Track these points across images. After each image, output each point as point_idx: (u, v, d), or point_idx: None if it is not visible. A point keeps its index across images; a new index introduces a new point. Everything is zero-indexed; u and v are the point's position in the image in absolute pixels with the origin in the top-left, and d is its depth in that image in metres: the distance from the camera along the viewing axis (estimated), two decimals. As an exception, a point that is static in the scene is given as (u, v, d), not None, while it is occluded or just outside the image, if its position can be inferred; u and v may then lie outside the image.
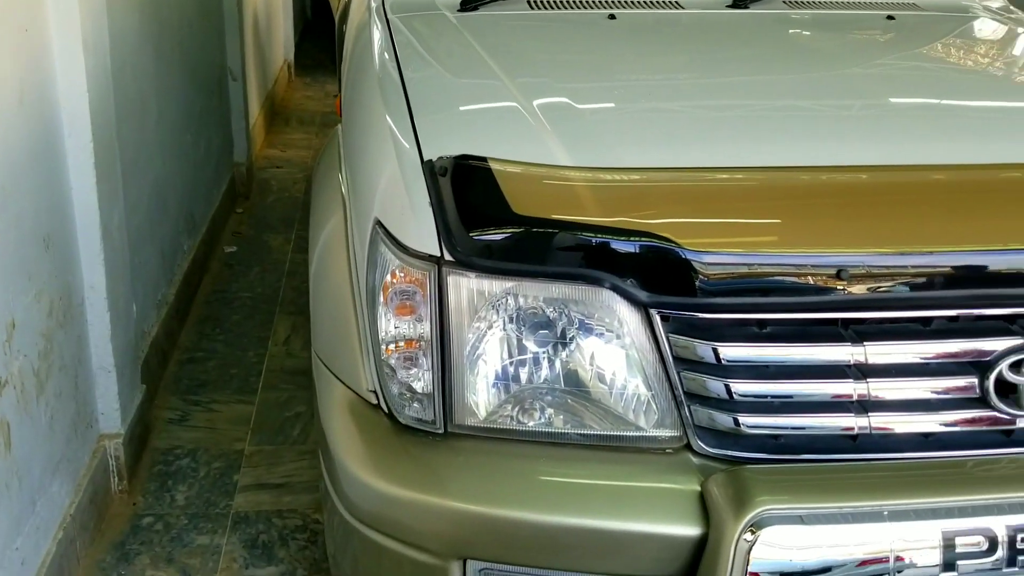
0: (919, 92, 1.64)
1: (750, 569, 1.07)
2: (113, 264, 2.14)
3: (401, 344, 1.25)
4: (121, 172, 2.25)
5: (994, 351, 1.19)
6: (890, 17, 2.07)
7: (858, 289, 1.17)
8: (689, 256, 1.15)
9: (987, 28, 2.09)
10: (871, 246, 1.17)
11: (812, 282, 1.16)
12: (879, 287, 1.17)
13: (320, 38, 7.44)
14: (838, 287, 1.16)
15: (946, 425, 1.20)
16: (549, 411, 1.24)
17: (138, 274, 2.51)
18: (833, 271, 1.16)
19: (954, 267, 1.18)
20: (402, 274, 1.23)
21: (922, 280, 1.18)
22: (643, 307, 1.17)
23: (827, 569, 1.07)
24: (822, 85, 1.65)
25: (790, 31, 2.02)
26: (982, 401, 1.20)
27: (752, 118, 1.48)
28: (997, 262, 1.19)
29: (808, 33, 2.00)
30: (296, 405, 2.68)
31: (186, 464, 2.41)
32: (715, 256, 1.15)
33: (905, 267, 1.17)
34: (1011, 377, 1.19)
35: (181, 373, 2.82)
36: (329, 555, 1.49)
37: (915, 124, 1.47)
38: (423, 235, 1.20)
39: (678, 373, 1.19)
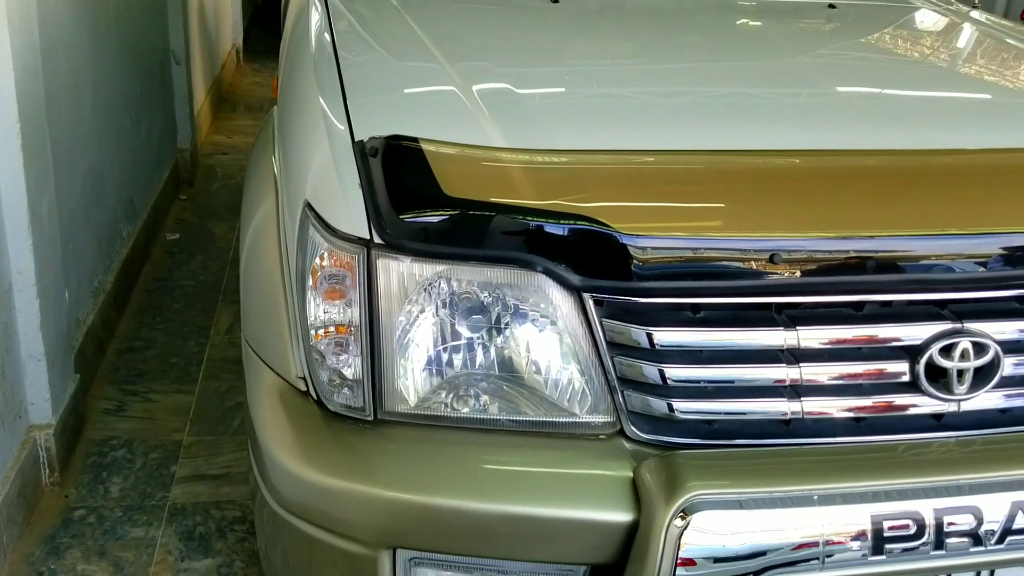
0: (855, 80, 1.64)
1: (681, 555, 1.06)
2: (43, 250, 2.07)
3: (331, 329, 1.22)
4: (53, 156, 2.18)
5: (925, 336, 1.19)
6: (831, 6, 2.08)
7: (791, 273, 1.16)
8: (622, 240, 1.14)
9: (926, 19, 2.11)
10: (804, 230, 1.17)
11: (746, 266, 1.15)
12: (812, 272, 1.17)
13: (270, 23, 7.32)
14: (771, 271, 1.16)
15: (878, 410, 1.20)
16: (483, 398, 1.22)
17: (72, 261, 2.44)
18: (766, 255, 1.15)
19: (885, 252, 1.18)
20: (331, 258, 1.20)
21: (854, 265, 1.18)
22: (576, 291, 1.16)
23: (758, 554, 1.07)
24: (761, 72, 1.65)
25: (732, 18, 2.02)
26: (913, 386, 1.21)
27: (690, 104, 1.47)
28: (928, 247, 1.19)
29: (750, 20, 2.00)
30: (237, 395, 2.63)
31: (122, 455, 2.35)
32: (649, 240, 1.14)
33: (838, 252, 1.17)
34: (941, 362, 1.19)
35: (119, 362, 2.75)
36: (259, 547, 1.46)
37: (850, 111, 1.47)
38: (352, 217, 1.17)
39: (612, 358, 1.17)
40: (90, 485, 2.23)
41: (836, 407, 1.20)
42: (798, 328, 1.18)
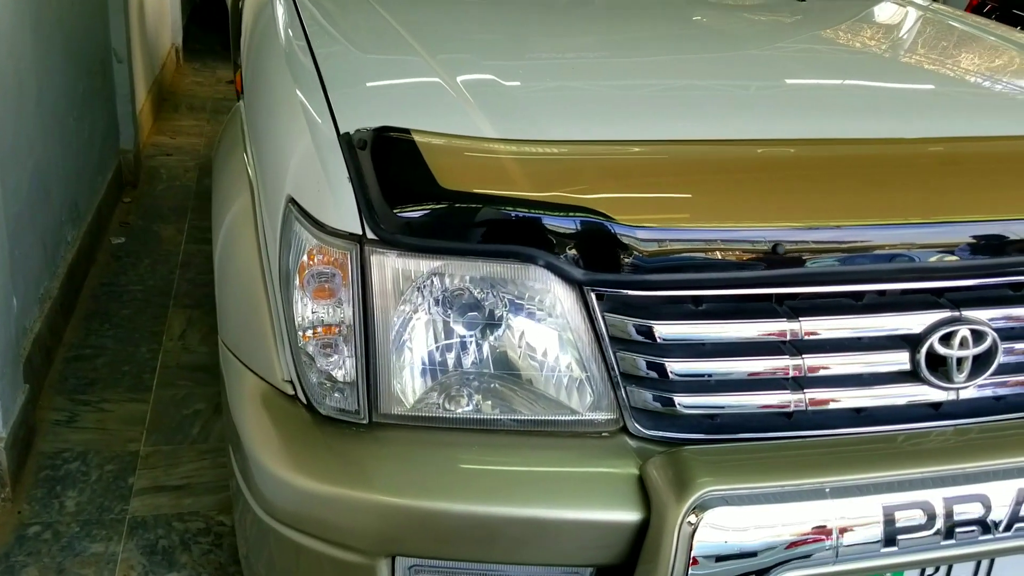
0: (848, 71, 1.64)
1: (694, 552, 1.03)
2: (-10, 254, 1.97)
3: (319, 330, 1.17)
4: (-3, 155, 2.08)
5: (924, 325, 1.19)
6: (801, -1, 2.08)
7: (793, 264, 1.15)
8: (624, 232, 1.11)
9: (900, 11, 2.13)
10: (805, 220, 1.15)
11: (748, 257, 1.14)
12: (812, 261, 1.16)
13: (208, 22, 7.16)
14: (773, 262, 1.14)
15: (879, 400, 1.20)
16: (478, 397, 1.18)
17: (18, 266, 2.33)
18: (769, 246, 1.13)
19: (884, 240, 1.17)
20: (320, 255, 1.14)
21: (853, 254, 1.17)
22: (578, 285, 1.13)
23: (771, 548, 1.05)
24: (752, 63, 1.64)
25: (718, 11, 2.01)
26: (913, 375, 1.20)
27: (681, 95, 1.45)
28: (925, 235, 1.18)
29: (739, 12, 2.00)
30: (195, 402, 2.54)
31: (76, 468, 2.25)
32: (651, 232, 1.11)
33: (838, 241, 1.16)
34: (941, 350, 1.19)
35: (67, 371, 2.64)
36: (241, 557, 1.40)
37: (845, 101, 1.47)
38: (342, 212, 1.12)
39: (614, 353, 1.14)
40: (44, 500, 2.12)
41: (838, 398, 1.19)
42: (800, 319, 1.16)
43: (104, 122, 3.61)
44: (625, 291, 1.13)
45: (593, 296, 1.13)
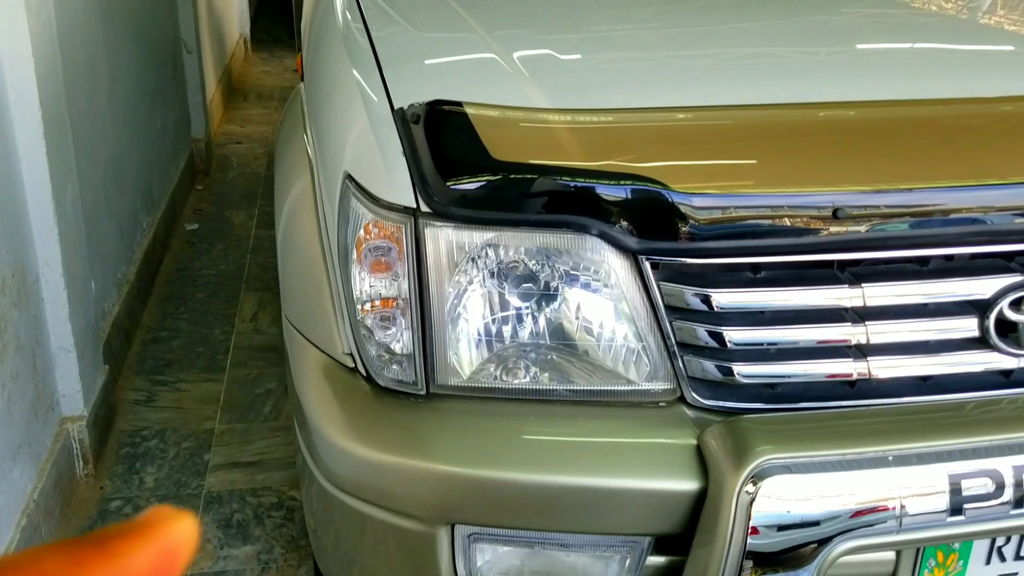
0: (904, 34, 1.59)
1: (753, 522, 1.02)
2: (68, 240, 2.04)
3: (377, 303, 1.18)
4: (73, 144, 2.15)
5: (993, 290, 1.15)
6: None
7: (854, 229, 1.12)
8: (679, 199, 1.10)
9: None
10: (867, 183, 1.12)
11: (807, 223, 1.11)
12: (875, 227, 1.13)
13: (276, 13, 7.28)
14: (834, 227, 1.11)
15: (946, 367, 1.16)
16: (535, 368, 1.18)
17: (96, 252, 2.42)
18: (829, 210, 1.11)
19: (951, 204, 1.13)
20: (376, 229, 1.16)
21: (919, 218, 1.13)
22: (632, 254, 1.12)
23: (832, 519, 1.03)
24: (807, 29, 1.60)
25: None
26: (982, 341, 1.17)
27: (739, 61, 1.42)
28: (994, 197, 1.14)
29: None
30: (266, 382, 2.61)
31: (154, 445, 2.33)
32: (706, 199, 1.10)
33: (901, 205, 1.13)
34: (1011, 315, 1.15)
35: (145, 353, 2.73)
36: (309, 529, 1.43)
37: (902, 62, 1.42)
38: (397, 186, 1.14)
39: (670, 323, 1.13)
40: (124, 476, 2.21)
41: (903, 366, 1.16)
42: (862, 286, 1.14)
43: (176, 112, 3.70)
44: (681, 259, 1.12)
45: (648, 265, 1.12)
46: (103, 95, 2.61)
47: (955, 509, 1.04)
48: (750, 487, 1.02)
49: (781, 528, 1.03)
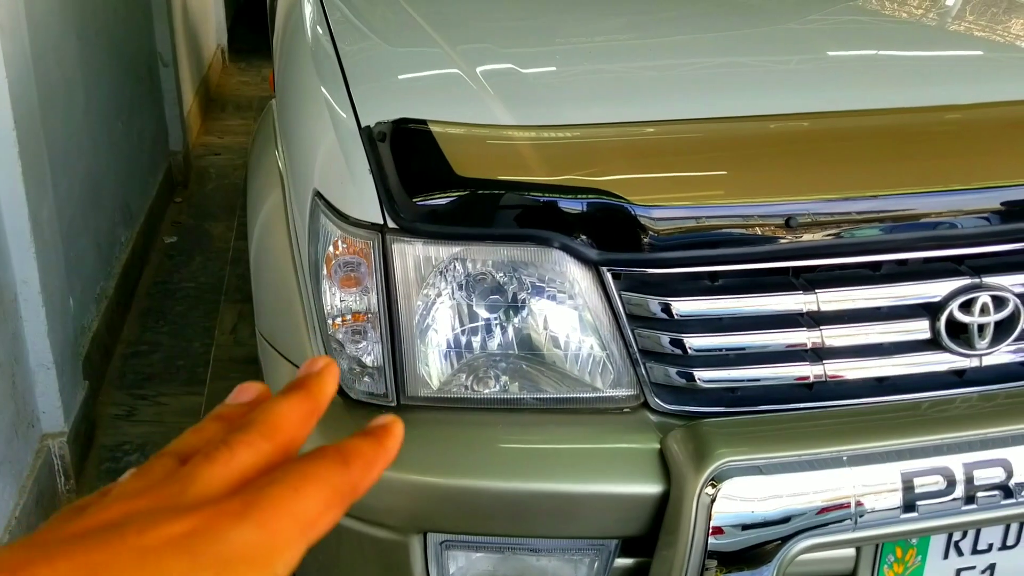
0: (852, 43, 1.64)
1: (713, 523, 1.06)
2: (46, 257, 2.06)
3: (348, 317, 1.21)
4: (50, 162, 2.17)
5: (943, 292, 1.19)
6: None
7: (807, 237, 1.16)
8: (638, 212, 1.13)
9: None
10: (819, 193, 1.16)
11: (762, 232, 1.15)
12: (828, 234, 1.17)
13: (254, 22, 7.28)
14: (787, 236, 1.15)
15: (900, 368, 1.20)
16: (504, 378, 1.21)
17: (74, 268, 2.43)
18: (782, 220, 1.14)
19: (900, 210, 1.17)
20: (345, 245, 1.19)
21: (870, 225, 1.17)
22: (594, 265, 1.15)
23: (790, 518, 1.07)
24: (763, 40, 1.64)
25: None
26: (934, 343, 1.21)
27: (693, 74, 1.46)
28: (942, 203, 1.19)
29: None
30: (247, 393, 2.62)
31: (136, 460, 2.34)
32: (664, 210, 1.14)
33: (853, 212, 1.17)
34: (961, 317, 1.19)
35: (125, 367, 2.74)
36: (286, 539, 1.46)
37: (853, 73, 1.46)
38: (364, 203, 1.17)
39: (632, 331, 1.17)
40: (106, 490, 2.22)
41: (858, 368, 1.20)
42: (817, 291, 1.18)
43: (153, 125, 3.72)
44: (641, 269, 1.16)
45: (609, 275, 1.16)
46: (79, 112, 2.63)
47: (909, 506, 1.08)
48: (710, 488, 1.06)
49: (741, 528, 1.06)
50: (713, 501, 1.05)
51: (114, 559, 0.34)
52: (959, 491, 1.09)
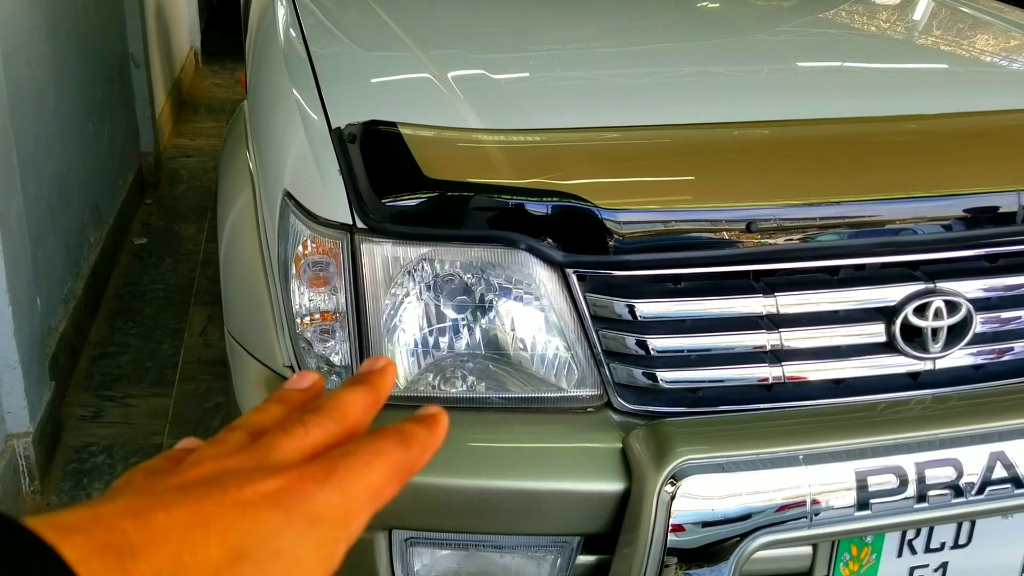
0: (817, 54, 1.68)
1: (673, 520, 1.08)
2: (13, 257, 2.05)
3: (316, 317, 1.22)
4: (19, 161, 2.16)
5: (898, 297, 1.23)
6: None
7: (767, 241, 1.19)
8: (603, 215, 1.15)
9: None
10: (778, 199, 1.19)
11: (723, 236, 1.18)
12: (787, 239, 1.19)
13: (227, 24, 7.25)
14: (748, 240, 1.18)
15: (856, 371, 1.23)
16: (471, 378, 1.23)
17: (41, 268, 2.42)
18: (743, 224, 1.17)
19: (857, 217, 1.21)
20: (314, 244, 1.20)
21: (828, 230, 1.20)
22: (559, 267, 1.17)
23: (748, 516, 1.09)
24: (729, 50, 1.68)
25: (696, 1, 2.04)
26: (889, 346, 1.24)
27: (661, 81, 1.49)
28: (898, 211, 1.22)
29: (713, 2, 2.03)
30: (216, 395, 2.62)
31: (102, 461, 2.33)
32: (628, 214, 1.16)
33: (811, 218, 1.20)
34: (916, 321, 1.22)
35: (93, 369, 2.73)
36: (253, 538, 1.46)
37: (815, 83, 1.50)
38: (334, 203, 1.18)
39: (596, 332, 1.19)
40: (72, 492, 2.21)
41: (816, 370, 1.23)
42: (776, 294, 1.21)
43: (124, 126, 3.70)
44: (605, 271, 1.18)
45: (574, 277, 1.18)
46: (49, 112, 2.62)
47: (862, 504, 1.11)
48: (669, 486, 1.08)
49: (699, 525, 1.09)
50: (672, 498, 1.08)
51: (220, 510, 0.38)
52: (911, 490, 1.12)
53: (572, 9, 1.91)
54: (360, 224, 1.16)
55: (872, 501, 1.10)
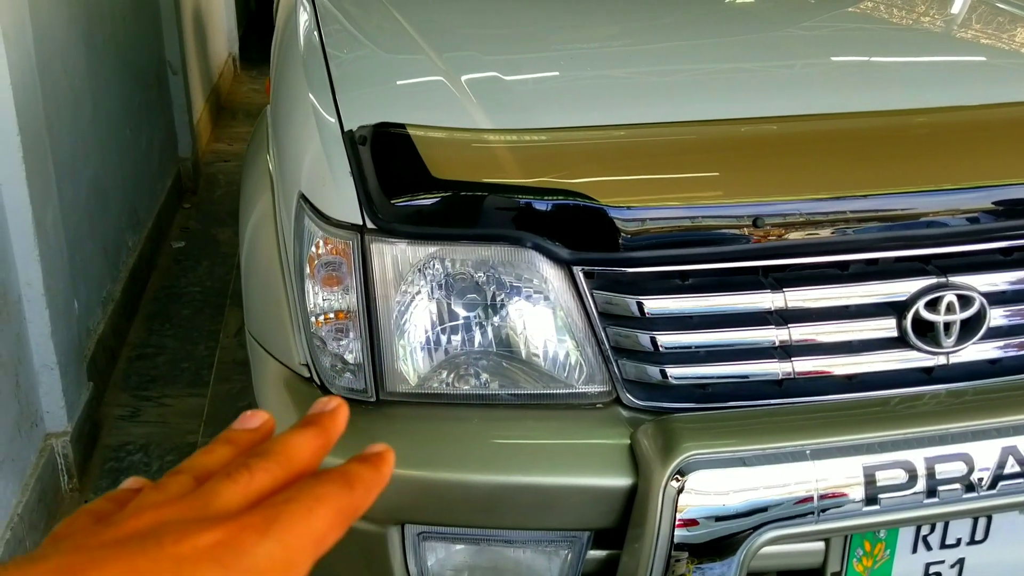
0: (828, 49, 1.67)
1: (679, 515, 1.08)
2: (50, 260, 2.11)
3: (330, 316, 1.25)
4: (56, 168, 2.22)
5: (910, 291, 1.22)
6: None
7: (775, 237, 1.19)
8: (609, 212, 1.16)
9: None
10: (786, 194, 1.19)
11: (730, 232, 1.18)
12: (796, 234, 1.19)
13: (265, 30, 7.35)
14: (755, 236, 1.18)
15: (868, 366, 1.23)
16: (483, 375, 1.25)
17: (80, 271, 2.48)
18: (750, 220, 1.17)
19: (868, 211, 1.20)
20: (327, 245, 1.23)
21: (837, 225, 1.20)
22: (566, 265, 1.19)
23: (754, 510, 1.09)
24: (740, 47, 1.67)
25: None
26: (901, 341, 1.23)
27: (672, 79, 1.49)
28: (909, 204, 1.21)
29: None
30: (249, 395, 2.65)
31: (138, 459, 2.39)
32: (635, 211, 1.17)
33: (820, 213, 1.19)
34: (927, 316, 1.22)
35: (130, 369, 2.79)
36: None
37: (824, 77, 1.49)
38: (345, 204, 1.20)
39: (604, 329, 1.20)
40: (109, 489, 2.26)
41: (827, 365, 1.22)
42: (785, 290, 1.20)
43: (162, 132, 3.78)
44: (613, 269, 1.19)
45: (581, 275, 1.19)
46: (86, 119, 2.68)
47: (870, 499, 1.10)
48: (675, 481, 1.09)
49: (706, 519, 1.09)
50: (679, 493, 1.08)
51: (155, 566, 0.38)
52: (921, 485, 1.11)
53: (586, 10, 1.92)
54: (370, 224, 1.18)
55: (880, 496, 1.10)
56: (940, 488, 1.11)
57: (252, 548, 0.39)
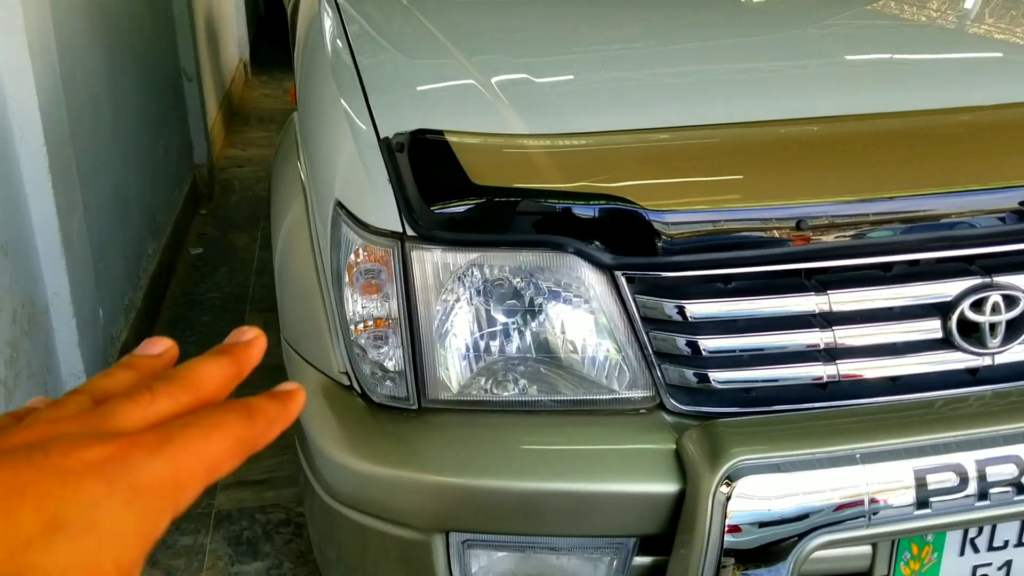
0: (863, 47, 1.66)
1: (728, 521, 1.08)
2: (76, 270, 2.11)
3: (370, 323, 1.24)
4: (79, 177, 2.22)
5: (954, 292, 1.21)
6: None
7: (818, 239, 1.18)
8: (651, 216, 1.16)
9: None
10: (829, 196, 1.18)
11: (773, 235, 1.17)
12: (839, 236, 1.18)
13: (275, 35, 7.37)
14: (798, 238, 1.17)
15: (913, 368, 1.22)
16: (523, 381, 1.24)
17: (103, 279, 2.49)
18: (792, 222, 1.17)
19: (910, 212, 1.19)
20: (366, 253, 1.22)
21: (880, 226, 1.19)
22: (608, 270, 1.18)
23: (805, 516, 1.09)
24: (774, 46, 1.66)
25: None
26: (946, 342, 1.22)
27: (705, 80, 1.48)
28: (952, 204, 1.20)
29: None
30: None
31: (164, 467, 2.39)
32: (676, 215, 1.16)
33: (863, 214, 1.18)
34: (972, 316, 1.21)
35: (154, 377, 2.79)
36: (314, 544, 1.49)
37: (863, 77, 1.48)
38: (384, 212, 1.20)
39: (647, 333, 1.19)
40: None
41: (871, 368, 1.21)
42: (828, 292, 1.20)
43: (178, 139, 3.78)
44: (655, 273, 1.18)
45: (624, 279, 1.18)
46: (106, 128, 2.69)
47: (922, 502, 1.09)
48: (725, 487, 1.08)
49: (755, 525, 1.08)
50: (728, 499, 1.07)
51: (38, 477, 0.37)
52: (972, 488, 1.10)
53: (613, 10, 1.91)
54: (410, 232, 1.18)
55: (932, 499, 1.09)
56: (991, 491, 1.10)
57: (139, 464, 0.39)
